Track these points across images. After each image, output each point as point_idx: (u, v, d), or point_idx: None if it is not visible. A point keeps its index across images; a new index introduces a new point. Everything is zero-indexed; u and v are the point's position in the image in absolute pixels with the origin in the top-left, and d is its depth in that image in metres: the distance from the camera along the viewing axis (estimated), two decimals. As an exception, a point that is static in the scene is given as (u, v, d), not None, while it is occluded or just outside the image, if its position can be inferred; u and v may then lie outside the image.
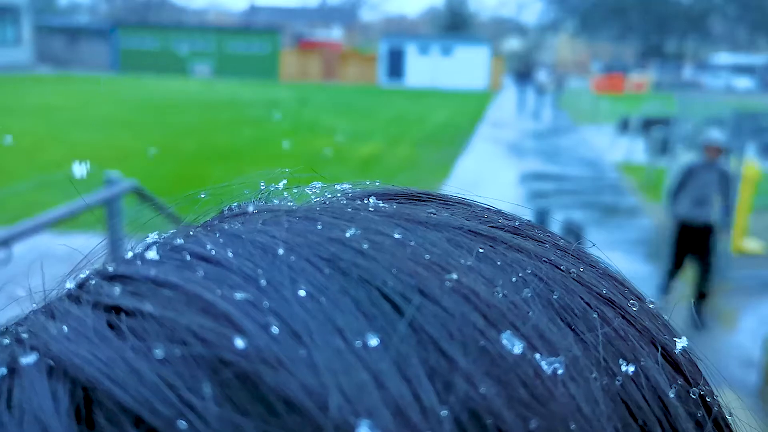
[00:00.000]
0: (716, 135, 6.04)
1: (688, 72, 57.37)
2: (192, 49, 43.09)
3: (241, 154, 12.78)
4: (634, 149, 13.77)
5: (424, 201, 0.36)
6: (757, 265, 6.82)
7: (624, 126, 16.21)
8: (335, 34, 61.52)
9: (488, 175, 12.07)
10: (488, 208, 0.37)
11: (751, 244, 7.15)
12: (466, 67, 41.00)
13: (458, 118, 21.88)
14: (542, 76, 32.87)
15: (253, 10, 76.94)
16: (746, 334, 5.70)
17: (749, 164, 6.68)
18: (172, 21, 65.81)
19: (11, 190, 7.96)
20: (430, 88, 37.35)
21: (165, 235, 0.32)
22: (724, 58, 56.89)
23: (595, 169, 13.69)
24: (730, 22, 76.84)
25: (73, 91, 25.18)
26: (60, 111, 18.60)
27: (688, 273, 5.99)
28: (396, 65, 41.86)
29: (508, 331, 0.25)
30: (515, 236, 0.33)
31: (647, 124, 13.54)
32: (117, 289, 0.27)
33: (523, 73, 32.46)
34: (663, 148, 10.93)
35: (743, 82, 43.95)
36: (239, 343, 0.24)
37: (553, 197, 10.76)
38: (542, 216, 6.34)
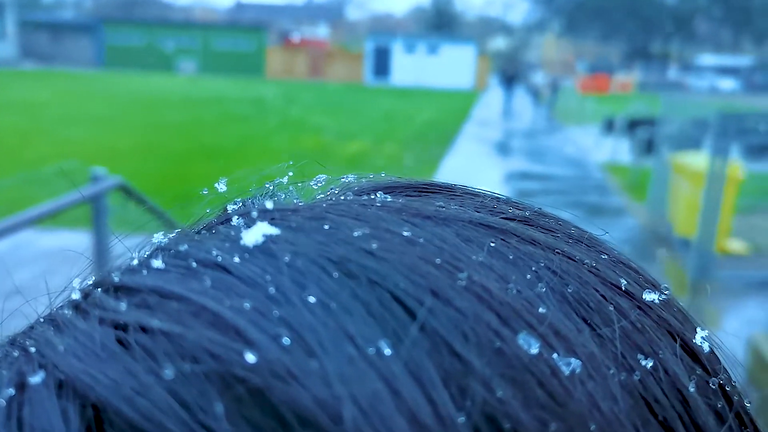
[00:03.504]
0: None
1: (672, 73, 57.72)
2: (178, 45, 42.94)
3: (228, 151, 12.74)
4: (619, 149, 13.82)
5: (431, 193, 0.35)
6: (741, 265, 6.84)
7: (609, 126, 16.25)
8: (321, 31, 61.47)
9: (474, 174, 12.07)
10: (497, 198, 0.36)
11: (735, 245, 7.18)
12: (452, 66, 41.07)
13: (444, 117, 21.86)
14: (538, 79, 31.84)
15: (239, 7, 76.73)
16: (730, 335, 5.74)
17: (733, 165, 6.71)
18: (158, 17, 65.44)
19: (-6, 186, 7.90)
20: (416, 86, 37.39)
21: (170, 237, 0.31)
22: (708, 59, 57.33)
23: (580, 168, 13.73)
24: (714, 24, 77.29)
25: (58, 87, 25.01)
26: (45, 107, 18.46)
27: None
28: (382, 64, 41.87)
29: (524, 331, 0.25)
30: (527, 227, 0.32)
31: (632, 125, 13.56)
32: (123, 304, 0.26)
33: (511, 76, 30.25)
34: (648, 148, 10.98)
35: (727, 84, 44.30)
36: (250, 357, 0.23)
37: (538, 197, 10.78)
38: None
